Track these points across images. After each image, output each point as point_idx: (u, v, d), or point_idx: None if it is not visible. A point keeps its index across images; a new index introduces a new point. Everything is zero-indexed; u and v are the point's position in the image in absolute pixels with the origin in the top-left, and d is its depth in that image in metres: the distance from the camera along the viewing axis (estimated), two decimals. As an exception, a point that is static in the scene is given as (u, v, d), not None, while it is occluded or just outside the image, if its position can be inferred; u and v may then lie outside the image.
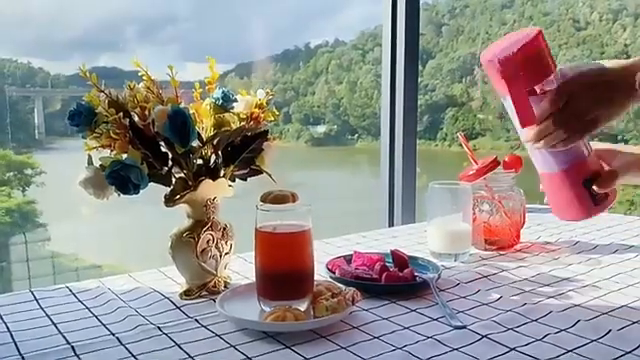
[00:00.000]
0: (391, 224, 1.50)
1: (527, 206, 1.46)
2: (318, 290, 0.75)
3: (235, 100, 0.84)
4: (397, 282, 0.81)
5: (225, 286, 0.83)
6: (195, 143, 0.80)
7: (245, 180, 0.89)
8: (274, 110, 0.89)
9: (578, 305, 0.77)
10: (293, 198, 0.75)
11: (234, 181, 0.87)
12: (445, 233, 0.99)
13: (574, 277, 0.89)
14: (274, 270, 0.72)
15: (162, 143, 0.75)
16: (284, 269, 0.71)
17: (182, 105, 0.76)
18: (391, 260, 0.90)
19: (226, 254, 0.83)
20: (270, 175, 0.88)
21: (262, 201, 0.74)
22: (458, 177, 1.07)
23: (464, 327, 0.69)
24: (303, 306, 0.72)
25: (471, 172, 1.05)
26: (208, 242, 0.80)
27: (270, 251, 0.72)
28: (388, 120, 1.48)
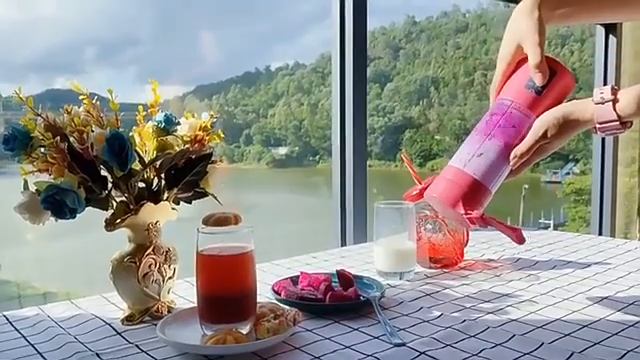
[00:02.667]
0: (343, 244, 1.52)
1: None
2: (261, 312, 0.75)
3: (178, 123, 0.84)
4: (341, 302, 0.82)
5: (169, 311, 0.82)
6: (138, 166, 0.80)
7: (190, 203, 0.89)
8: (219, 132, 0.90)
9: (515, 320, 0.79)
10: (236, 220, 0.75)
11: (179, 204, 0.87)
12: (390, 252, 1.01)
13: (513, 293, 0.92)
14: (215, 293, 0.72)
15: (102, 167, 0.75)
16: (225, 292, 0.71)
17: (122, 129, 0.76)
18: (337, 280, 0.91)
19: (169, 278, 0.83)
20: (215, 197, 0.88)
21: (204, 223, 0.74)
22: (403, 197, 1.09)
23: (403, 344, 0.70)
24: (246, 329, 0.72)
25: (415, 192, 1.08)
26: (150, 266, 0.80)
27: (211, 274, 0.72)
28: (338, 141, 1.51)
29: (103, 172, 0.76)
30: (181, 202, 0.88)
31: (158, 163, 0.81)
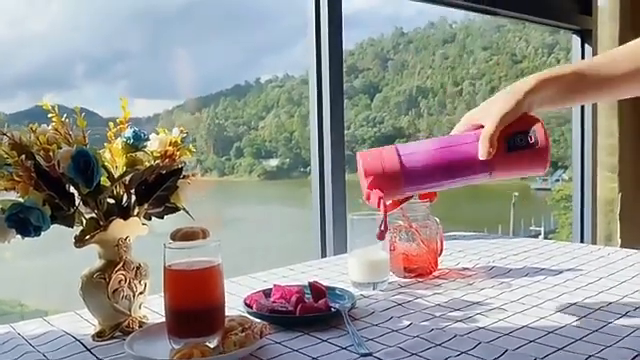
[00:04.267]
0: (324, 255, 1.52)
1: (452, 233, 1.52)
2: (230, 325, 0.76)
3: (147, 139, 0.85)
4: (311, 313, 0.83)
5: (140, 326, 0.82)
6: (107, 182, 0.81)
7: (162, 218, 0.89)
8: (190, 147, 0.90)
9: (483, 328, 0.80)
10: (203, 234, 0.76)
11: (150, 219, 0.88)
12: (364, 263, 1.02)
13: (484, 301, 0.93)
14: (183, 307, 0.72)
15: (69, 183, 0.75)
16: (193, 306, 0.72)
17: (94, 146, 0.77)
18: (310, 292, 0.92)
19: (140, 294, 0.83)
20: (187, 211, 0.89)
21: (172, 238, 0.75)
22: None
23: (370, 354, 0.71)
24: (214, 342, 0.72)
25: (388, 202, 1.09)
26: (120, 282, 0.80)
27: (178, 288, 0.73)
28: (317, 153, 1.52)
29: (71, 189, 0.77)
30: (153, 217, 0.89)
31: (127, 179, 0.82)
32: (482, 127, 0.81)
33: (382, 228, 0.81)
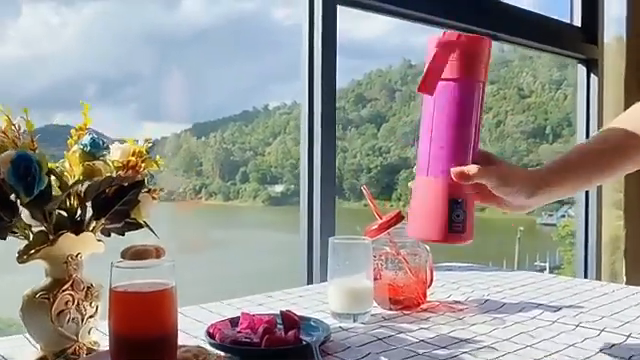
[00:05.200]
0: (310, 281, 1.44)
1: (447, 264, 1.43)
2: (184, 357, 0.68)
3: (106, 147, 0.78)
4: (277, 346, 0.75)
5: (88, 353, 0.74)
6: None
7: (123, 235, 0.82)
8: (157, 159, 0.84)
9: (468, 369, 0.72)
10: (157, 253, 0.68)
11: (109, 236, 0.81)
12: (344, 292, 0.94)
13: (473, 338, 0.84)
14: (128, 334, 0.64)
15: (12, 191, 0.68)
16: (140, 333, 0.64)
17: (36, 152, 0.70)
18: (282, 322, 0.84)
19: (90, 317, 0.75)
20: (150, 228, 0.82)
21: (122, 257, 0.68)
22: (363, 232, 1.03)
23: (337, 396, 0.63)
24: (163, 375, 0.64)
25: (374, 227, 1.01)
26: (67, 303, 0.72)
27: (124, 313, 0.65)
28: (307, 182, 1.46)
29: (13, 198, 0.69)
30: (111, 234, 0.81)
31: (82, 190, 0.75)
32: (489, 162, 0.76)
33: None
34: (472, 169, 0.72)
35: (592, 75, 2.18)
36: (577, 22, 2.17)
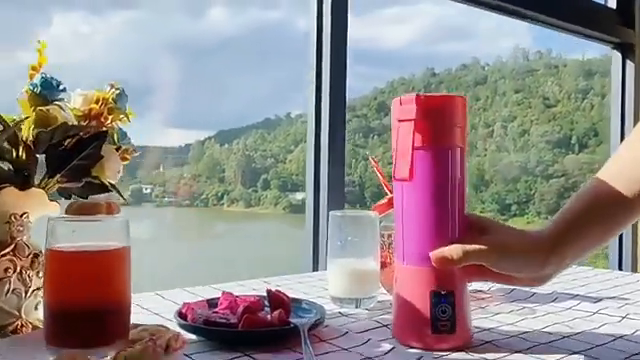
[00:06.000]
0: (315, 268, 1.32)
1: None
2: (140, 336, 0.55)
3: (63, 90, 0.67)
4: (258, 328, 0.62)
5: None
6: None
7: (85, 198, 0.70)
8: (130, 110, 0.72)
9: (491, 360, 0.58)
10: (109, 209, 0.56)
11: (69, 198, 0.69)
12: (346, 273, 0.81)
13: (497, 328, 0.70)
14: (66, 304, 0.52)
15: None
16: (80, 303, 0.52)
17: None
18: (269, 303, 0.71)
19: (37, 290, 0.63)
20: (117, 190, 0.70)
21: (66, 212, 0.56)
22: (372, 208, 0.90)
23: (322, 387, 0.49)
24: (109, 357, 0.52)
25: (384, 201, 0.88)
26: (6, 270, 0.60)
27: (61, 277, 0.52)
28: (312, 189, 1.35)
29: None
30: (72, 195, 0.70)
31: (30, 138, 0.63)
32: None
33: None
34: (456, 251, 0.58)
35: (628, 61, 2.02)
36: (612, 4, 2.01)
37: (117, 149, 0.71)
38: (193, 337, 0.63)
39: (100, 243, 0.53)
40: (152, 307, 0.77)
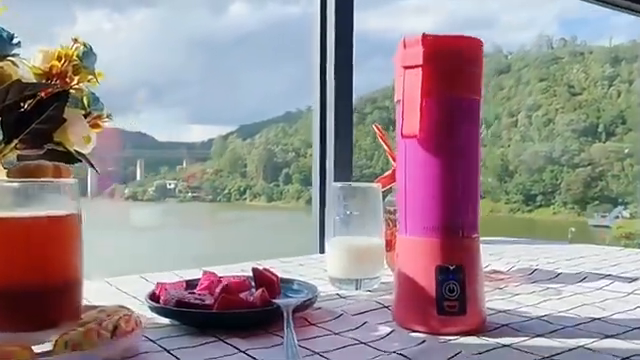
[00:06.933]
0: (322, 251, 1.25)
1: (489, 238, 1.19)
2: (97, 318, 0.47)
3: (17, 44, 0.59)
4: (234, 309, 0.54)
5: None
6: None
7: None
8: (98, 70, 0.64)
9: (508, 346, 0.49)
10: (57, 172, 0.48)
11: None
12: (346, 251, 0.72)
13: (515, 310, 0.61)
14: (3, 281, 0.44)
15: None
16: (19, 279, 0.44)
17: None
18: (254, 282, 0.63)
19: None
20: (87, 159, 0.62)
21: (7, 175, 0.48)
22: (376, 180, 0.81)
23: (300, 376, 0.41)
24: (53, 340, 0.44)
25: (389, 172, 0.79)
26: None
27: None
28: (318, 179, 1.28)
29: None
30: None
31: (-22, 97, 0.56)
32: None
33: None
34: None
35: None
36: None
37: (87, 115, 0.64)
38: (166, 321, 0.55)
39: (45, 210, 0.46)
40: (131, 290, 0.70)
